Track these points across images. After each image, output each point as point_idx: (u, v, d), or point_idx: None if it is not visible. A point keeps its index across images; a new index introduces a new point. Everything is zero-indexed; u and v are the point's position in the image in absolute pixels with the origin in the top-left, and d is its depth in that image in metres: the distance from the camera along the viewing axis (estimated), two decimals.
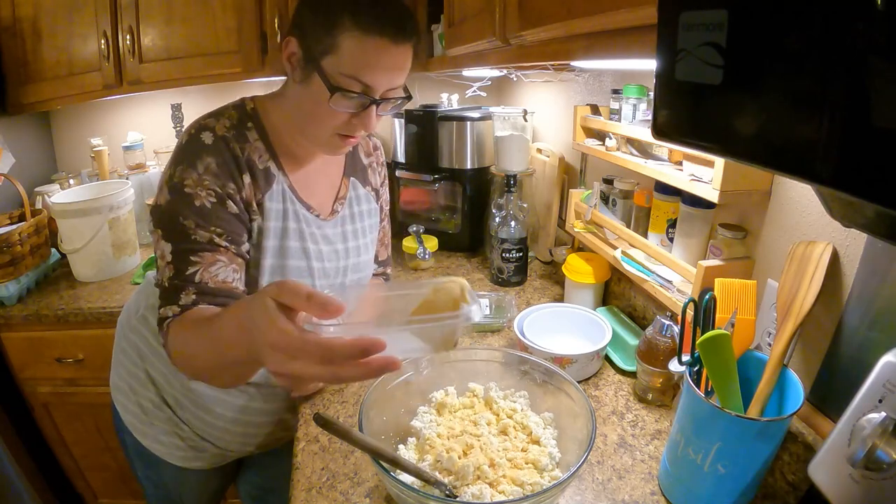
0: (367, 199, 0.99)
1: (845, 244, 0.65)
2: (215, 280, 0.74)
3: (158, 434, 0.94)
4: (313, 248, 0.87)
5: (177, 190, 0.74)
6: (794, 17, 0.27)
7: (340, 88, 0.72)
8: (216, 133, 0.76)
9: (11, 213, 1.58)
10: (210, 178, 0.74)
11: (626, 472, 0.76)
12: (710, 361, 0.63)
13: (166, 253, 0.74)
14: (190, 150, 0.75)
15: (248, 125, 0.80)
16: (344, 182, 0.96)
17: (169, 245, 0.74)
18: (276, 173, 0.82)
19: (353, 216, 0.96)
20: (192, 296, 0.72)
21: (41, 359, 1.45)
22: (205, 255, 0.73)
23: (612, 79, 1.18)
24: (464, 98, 1.87)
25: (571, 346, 1.03)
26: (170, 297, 0.72)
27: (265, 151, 0.81)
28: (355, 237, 0.95)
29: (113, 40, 1.56)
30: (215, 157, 0.75)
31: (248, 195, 0.78)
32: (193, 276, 0.72)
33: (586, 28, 0.59)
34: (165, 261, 0.74)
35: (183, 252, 0.73)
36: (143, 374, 0.93)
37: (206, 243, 0.74)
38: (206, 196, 0.74)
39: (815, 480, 0.52)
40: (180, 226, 0.73)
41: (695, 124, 0.37)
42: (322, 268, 0.89)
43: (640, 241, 0.98)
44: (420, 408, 0.79)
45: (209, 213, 0.74)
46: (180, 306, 0.71)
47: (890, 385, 0.46)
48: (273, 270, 0.82)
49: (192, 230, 0.73)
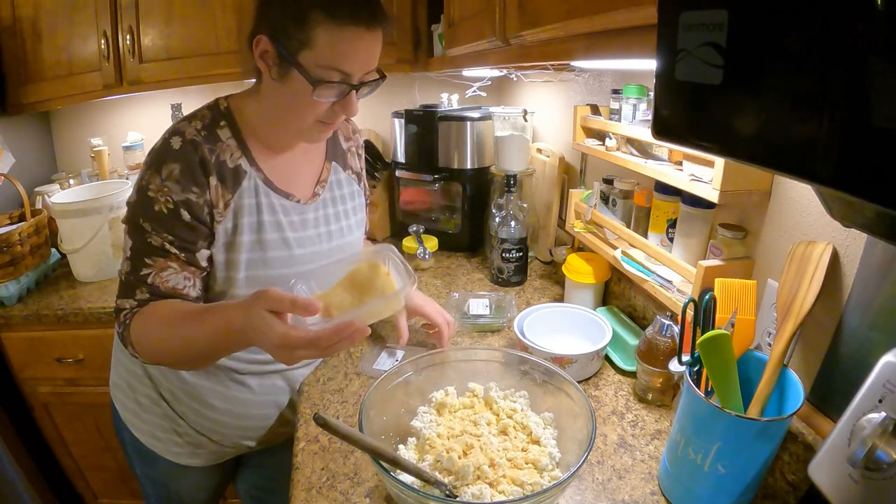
0: (349, 183, 1.01)
1: (845, 244, 0.65)
2: (165, 285, 0.79)
3: (156, 430, 0.94)
4: (293, 236, 0.88)
5: (142, 192, 0.78)
6: (794, 17, 0.27)
7: (322, 80, 0.74)
8: (185, 137, 0.79)
9: (11, 213, 1.58)
10: (171, 184, 0.77)
11: (626, 472, 0.76)
12: (710, 361, 0.63)
13: (127, 248, 0.80)
14: (159, 155, 0.79)
15: (220, 124, 0.83)
16: (326, 166, 0.98)
17: (130, 241, 0.80)
18: (247, 169, 0.84)
19: (334, 199, 0.97)
20: (145, 294, 0.79)
21: (41, 359, 1.45)
22: (157, 259, 0.79)
23: (612, 79, 1.18)
24: (464, 98, 1.87)
25: (571, 346, 1.03)
26: (126, 291, 0.80)
27: (237, 149, 0.83)
28: (337, 219, 0.97)
29: (113, 40, 1.56)
30: (180, 162, 0.78)
31: (213, 198, 0.81)
32: (146, 278, 0.79)
33: (586, 28, 0.59)
34: (125, 255, 0.80)
35: (140, 252, 0.79)
36: (141, 369, 0.93)
37: (158, 248, 0.79)
38: (164, 202, 0.78)
39: (815, 480, 0.52)
40: (140, 227, 0.78)
41: (695, 124, 0.37)
42: (304, 254, 0.90)
43: (640, 241, 0.98)
44: (420, 408, 0.79)
45: (164, 220, 0.78)
46: (137, 301, 0.79)
47: (890, 385, 0.46)
48: (252, 264, 0.85)
49: (149, 233, 0.78)
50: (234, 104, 0.86)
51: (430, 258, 1.55)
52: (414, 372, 0.79)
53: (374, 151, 1.85)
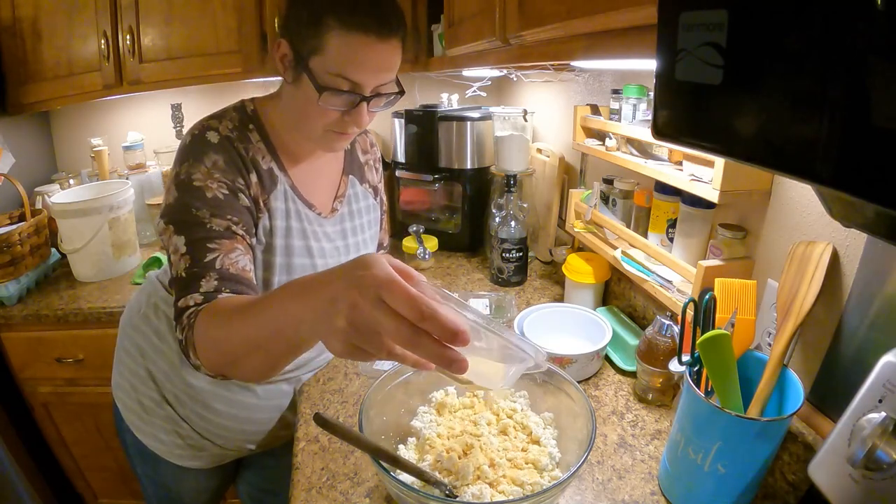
0: (365, 196, 1.01)
1: (845, 244, 0.65)
2: (236, 266, 0.70)
3: (158, 432, 0.94)
4: (316, 245, 0.88)
5: (185, 186, 0.73)
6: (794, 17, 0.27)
7: (328, 87, 0.73)
8: (220, 133, 0.77)
9: (11, 213, 1.58)
10: (219, 172, 0.75)
11: (626, 472, 0.76)
12: (710, 361, 0.63)
13: (180, 246, 0.70)
14: (196, 149, 0.76)
15: (249, 127, 0.82)
16: (343, 180, 0.97)
17: (182, 237, 0.71)
18: (278, 174, 0.83)
19: (351, 213, 0.97)
20: (213, 282, 0.67)
21: (41, 359, 1.45)
22: (223, 241, 0.71)
23: (612, 79, 1.18)
24: (464, 98, 1.87)
25: (571, 346, 1.03)
26: (189, 286, 0.67)
27: (267, 153, 0.82)
28: (354, 234, 0.97)
29: (113, 40, 1.56)
30: (222, 154, 0.76)
31: (255, 193, 0.79)
32: (213, 263, 0.69)
33: (586, 28, 0.59)
34: (179, 254, 0.70)
35: (199, 241, 0.70)
36: (144, 371, 0.93)
37: (223, 230, 0.72)
38: (217, 188, 0.74)
39: (815, 480, 0.52)
40: (193, 217, 0.71)
41: (695, 124, 0.37)
42: (325, 264, 0.89)
43: (640, 241, 0.98)
44: (420, 408, 0.79)
45: (223, 203, 0.73)
46: (202, 294, 0.67)
47: (890, 385, 0.46)
48: (281, 269, 0.84)
49: (208, 219, 0.72)
50: (260, 108, 0.85)
51: (430, 258, 1.55)
52: (414, 372, 0.79)
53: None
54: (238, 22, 1.56)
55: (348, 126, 0.79)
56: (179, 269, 0.70)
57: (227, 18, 1.56)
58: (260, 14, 1.56)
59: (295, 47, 0.75)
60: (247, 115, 0.83)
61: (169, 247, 0.73)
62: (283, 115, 0.83)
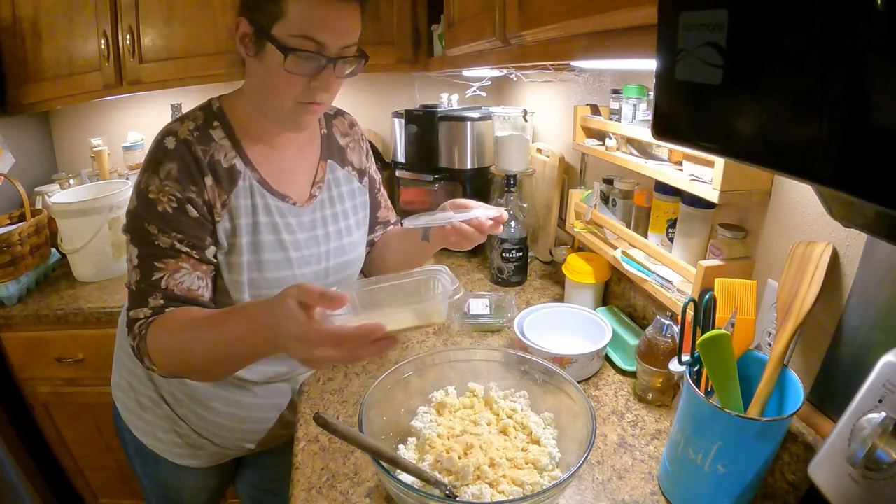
0: (348, 180, 0.98)
1: (845, 244, 0.65)
2: (180, 287, 0.77)
3: (157, 431, 0.94)
4: (289, 238, 0.87)
5: (142, 196, 0.77)
6: (794, 17, 0.27)
7: (293, 49, 0.73)
8: (178, 137, 0.79)
9: (11, 213, 1.58)
10: (171, 183, 0.77)
11: (626, 472, 0.76)
12: (710, 361, 0.63)
13: (133, 257, 0.78)
14: (154, 157, 0.78)
15: (213, 124, 0.83)
16: (321, 165, 0.95)
17: (136, 249, 0.77)
18: (242, 169, 0.83)
19: (332, 199, 0.95)
20: (160, 300, 0.76)
21: (41, 359, 1.45)
22: (168, 261, 0.77)
23: (612, 79, 1.18)
24: (464, 98, 1.87)
25: (571, 346, 1.03)
26: (138, 300, 0.77)
27: (231, 149, 0.83)
28: (335, 220, 0.95)
29: (113, 40, 1.56)
30: (176, 161, 0.77)
31: (210, 197, 0.80)
32: (159, 282, 0.76)
33: (586, 28, 0.59)
34: (133, 264, 0.78)
35: (148, 257, 0.77)
36: (143, 371, 0.93)
37: (168, 249, 0.77)
38: (167, 202, 0.77)
39: (815, 480, 0.52)
40: (144, 231, 0.77)
41: (695, 124, 0.37)
42: (301, 256, 0.88)
43: (640, 241, 0.98)
44: (420, 408, 0.79)
45: (170, 219, 0.77)
46: (151, 309, 0.76)
47: (890, 385, 0.46)
48: (250, 266, 0.84)
49: (155, 235, 0.76)
50: (226, 103, 0.86)
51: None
52: (414, 372, 0.79)
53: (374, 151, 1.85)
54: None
55: (316, 93, 0.78)
56: (132, 279, 0.78)
57: (227, 18, 1.56)
58: None
59: (255, 21, 0.75)
60: (212, 113, 0.84)
61: (127, 253, 0.80)
62: (249, 101, 0.84)
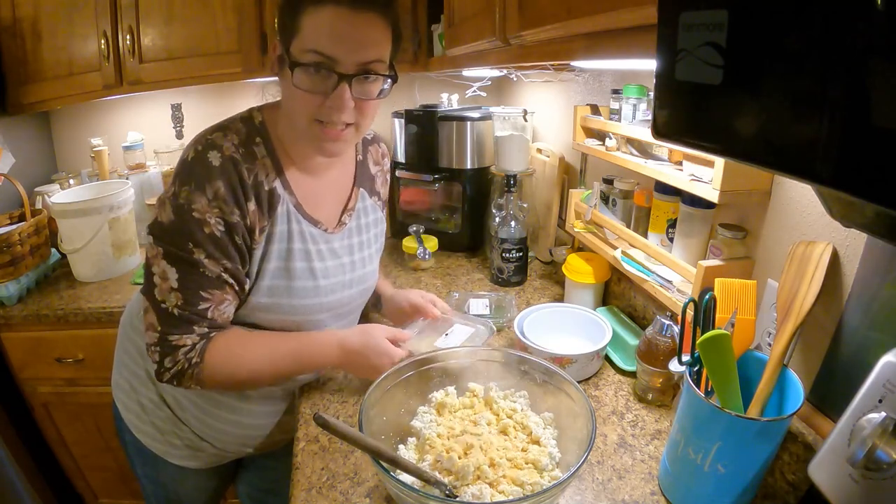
0: (374, 210, 0.99)
1: (845, 244, 0.65)
2: (223, 317, 0.79)
3: (157, 433, 0.94)
4: (320, 266, 0.85)
5: (184, 213, 0.72)
6: (794, 17, 0.27)
7: (299, 63, 0.71)
8: (224, 153, 0.74)
9: (11, 213, 1.58)
10: (221, 204, 0.73)
11: (626, 472, 0.76)
12: (710, 361, 0.63)
13: (170, 278, 0.73)
14: (197, 172, 0.73)
15: (256, 140, 0.79)
16: (354, 192, 0.94)
17: (174, 271, 0.73)
18: (281, 193, 0.80)
19: (359, 227, 0.95)
20: (204, 328, 0.77)
21: (41, 359, 1.45)
22: (214, 292, 0.75)
23: (612, 79, 1.18)
24: (464, 98, 1.87)
25: (571, 346, 1.03)
26: (181, 326, 0.75)
27: (272, 169, 0.79)
28: (360, 249, 0.94)
29: (113, 40, 1.56)
30: (223, 180, 0.73)
31: (252, 222, 0.77)
32: (206, 312, 0.76)
33: (586, 28, 0.59)
34: (169, 285, 0.73)
35: (193, 284, 0.74)
36: (144, 372, 0.93)
37: (215, 279, 0.75)
38: (215, 224, 0.73)
39: (815, 480, 0.52)
40: (188, 253, 0.72)
41: (695, 124, 0.37)
42: (329, 284, 0.87)
43: (640, 241, 0.98)
44: (420, 408, 0.79)
45: (219, 244, 0.74)
46: (199, 336, 0.77)
47: (890, 385, 0.46)
48: (275, 291, 0.82)
49: (202, 263, 0.73)
50: (268, 118, 0.81)
51: (430, 258, 1.55)
52: (414, 372, 0.79)
53: None
54: (238, 22, 1.56)
55: (330, 113, 0.73)
56: (170, 302, 0.74)
57: (227, 18, 1.56)
58: (260, 14, 1.56)
59: (282, 41, 0.75)
60: (254, 127, 0.80)
61: (154, 267, 0.75)
62: (282, 120, 0.81)
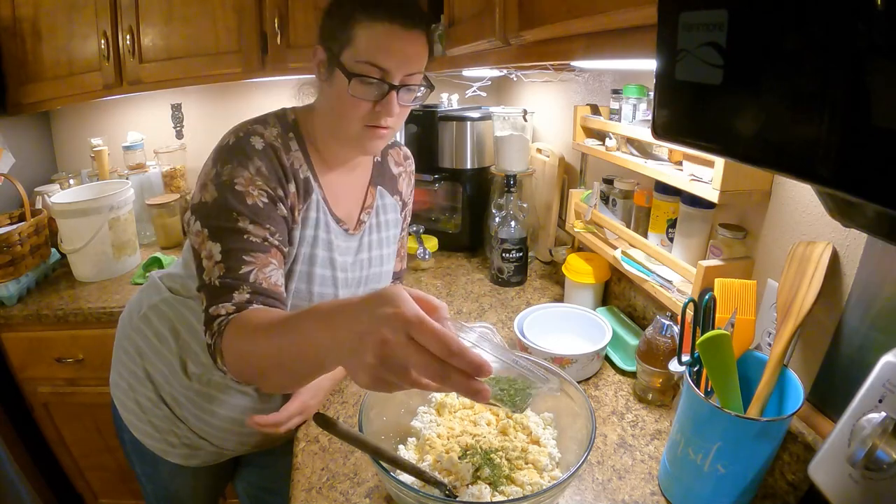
0: (394, 209, 1.01)
1: (845, 244, 0.65)
2: (268, 281, 0.73)
3: (155, 431, 0.94)
4: (339, 259, 0.89)
5: (227, 187, 0.74)
6: (793, 17, 0.27)
7: (358, 74, 0.76)
8: (266, 140, 0.79)
9: (11, 213, 1.58)
10: (262, 179, 0.76)
11: (626, 472, 0.76)
12: (710, 361, 0.63)
13: (215, 253, 0.73)
14: (239, 152, 0.77)
15: (289, 135, 0.84)
16: (370, 191, 0.97)
17: (218, 245, 0.73)
18: (313, 184, 0.85)
19: (378, 226, 0.97)
20: (245, 294, 0.70)
21: (41, 359, 1.44)
22: (258, 255, 0.73)
23: (612, 79, 1.18)
24: (464, 98, 1.87)
25: (571, 346, 1.03)
26: (221, 295, 0.70)
27: (304, 162, 0.84)
28: (379, 247, 0.97)
29: (113, 40, 1.56)
30: (265, 161, 0.77)
31: (293, 203, 0.81)
32: (248, 276, 0.71)
33: (586, 28, 0.59)
34: (214, 261, 0.72)
35: (235, 251, 0.72)
36: (142, 371, 0.93)
37: (260, 242, 0.74)
38: (258, 195, 0.75)
39: (815, 480, 0.52)
40: (232, 223, 0.73)
41: (695, 124, 0.37)
42: (345, 278, 0.91)
43: (640, 241, 0.98)
44: (420, 408, 0.79)
45: (262, 212, 0.75)
46: (235, 304, 0.69)
47: (890, 385, 0.46)
48: (300, 276, 0.85)
49: (247, 230, 0.73)
50: (301, 117, 0.87)
51: (430, 258, 1.55)
52: None
53: None
54: (238, 22, 1.56)
55: (380, 117, 0.80)
56: (213, 276, 0.72)
57: (227, 18, 1.56)
58: (260, 14, 1.56)
59: (328, 48, 0.79)
60: (288, 124, 0.85)
61: (201, 250, 0.74)
62: (320, 122, 0.85)
